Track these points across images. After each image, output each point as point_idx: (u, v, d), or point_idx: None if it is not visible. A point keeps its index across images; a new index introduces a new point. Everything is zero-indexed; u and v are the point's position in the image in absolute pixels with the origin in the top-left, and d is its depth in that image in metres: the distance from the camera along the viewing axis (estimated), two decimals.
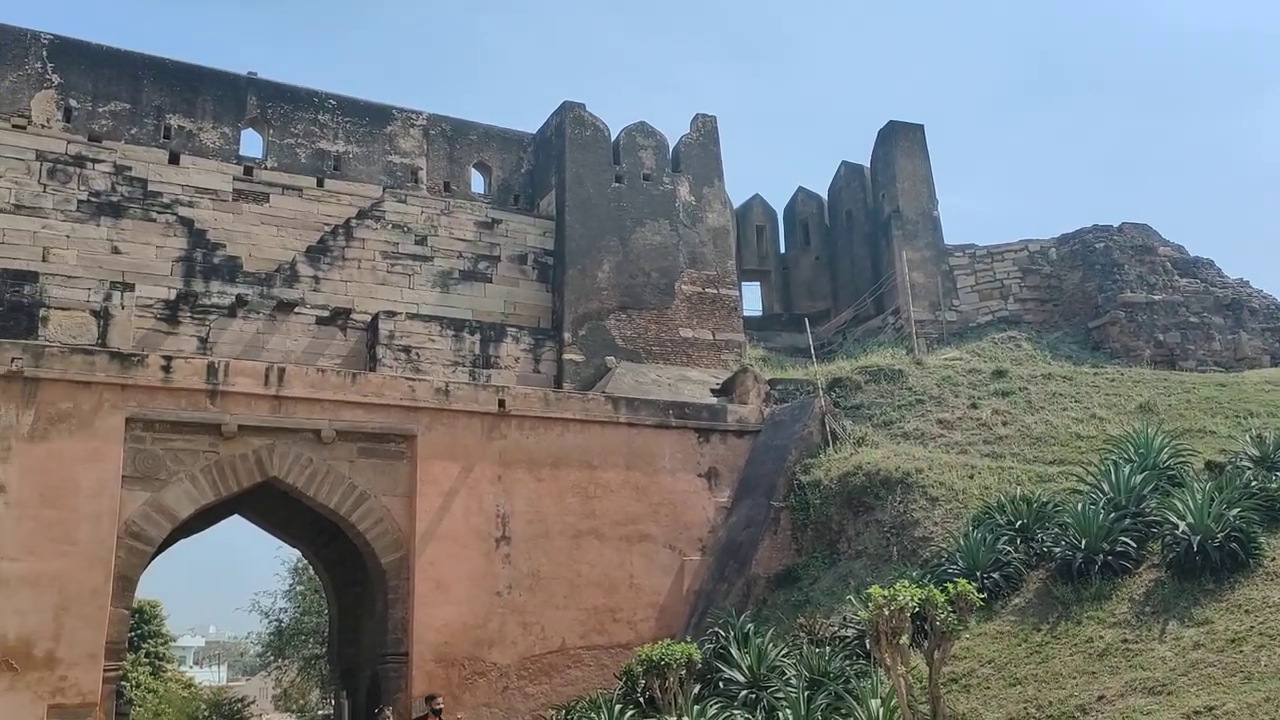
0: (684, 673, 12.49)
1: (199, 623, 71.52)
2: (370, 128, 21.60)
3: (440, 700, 12.74)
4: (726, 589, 15.87)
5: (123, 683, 16.79)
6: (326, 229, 20.18)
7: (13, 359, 13.06)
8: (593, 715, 13.01)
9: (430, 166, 22.11)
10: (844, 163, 27.76)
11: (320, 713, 31.14)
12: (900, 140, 25.70)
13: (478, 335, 19.87)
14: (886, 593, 9.64)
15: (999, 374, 19.87)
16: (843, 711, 11.06)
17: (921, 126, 26.19)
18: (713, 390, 19.54)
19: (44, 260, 17.50)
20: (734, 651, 13.40)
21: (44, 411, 13.10)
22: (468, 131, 22.96)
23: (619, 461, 16.64)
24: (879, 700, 10.65)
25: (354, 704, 17.01)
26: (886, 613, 9.48)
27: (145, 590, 14.48)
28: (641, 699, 13.09)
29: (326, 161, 20.87)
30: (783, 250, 28.06)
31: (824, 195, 28.29)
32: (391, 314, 19.28)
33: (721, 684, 13.06)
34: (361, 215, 20.56)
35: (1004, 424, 17.96)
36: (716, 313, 22.33)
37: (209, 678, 48.75)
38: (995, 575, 12.81)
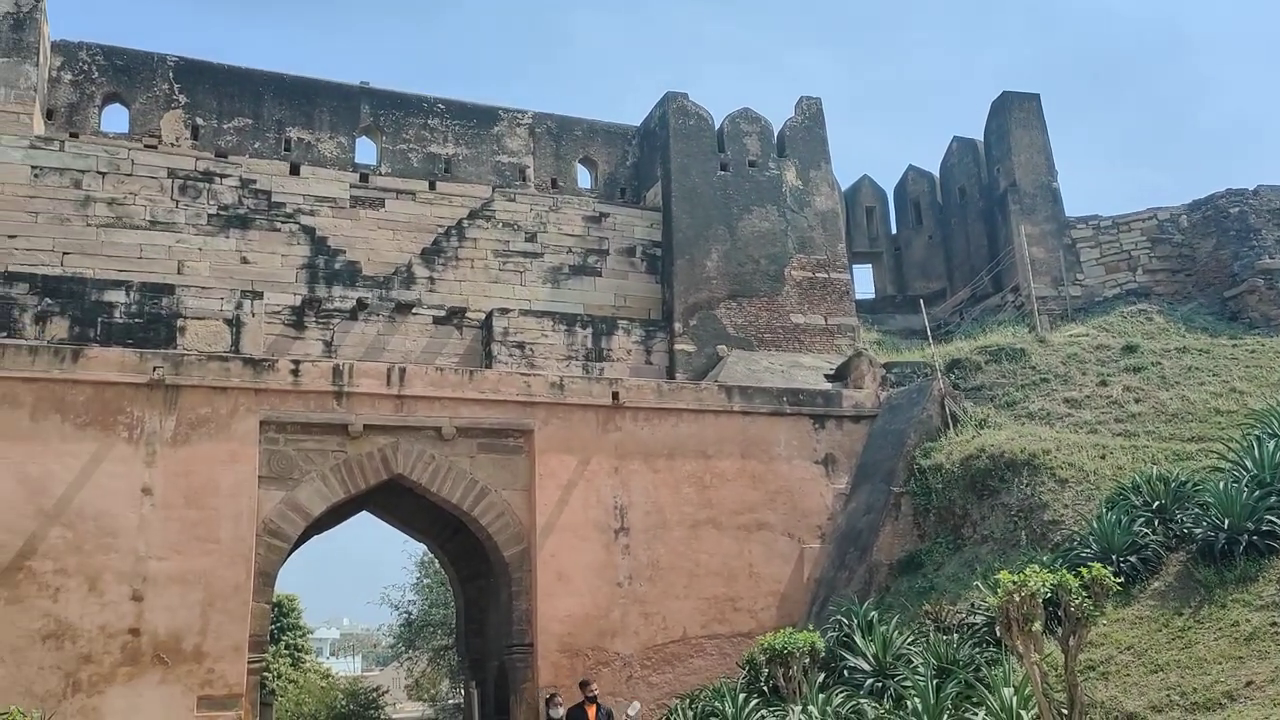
0: (807, 661, 12.40)
1: (333, 615, 74.35)
2: (478, 129, 22.00)
3: (595, 686, 12.88)
4: (848, 576, 15.66)
5: (265, 674, 17.55)
6: (440, 230, 20.67)
7: (154, 368, 13.76)
8: (717, 704, 13.01)
9: (537, 164, 22.39)
10: (956, 138, 27.00)
11: (450, 702, 32.00)
12: (1015, 111, 24.84)
13: (589, 329, 20.06)
14: (1016, 578, 9.33)
15: (1129, 349, 19.05)
16: (974, 700, 10.78)
17: (1037, 96, 25.25)
18: (826, 376, 19.28)
19: (179, 273, 18.41)
20: (858, 639, 13.21)
21: (185, 417, 13.77)
22: (572, 128, 23.16)
23: (734, 450, 16.57)
24: (1012, 689, 10.34)
25: (483, 693, 17.39)
26: (1017, 599, 9.18)
27: (283, 585, 15.13)
28: (765, 687, 13.04)
29: (437, 164, 21.36)
30: (894, 231, 27.47)
31: (935, 172, 27.56)
32: (505, 311, 19.62)
33: (846, 672, 12.89)
34: (472, 215, 20.98)
35: (1136, 401, 17.22)
36: (828, 297, 22.01)
37: (344, 668, 50.60)
38: (1132, 559, 12.29)
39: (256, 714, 13.75)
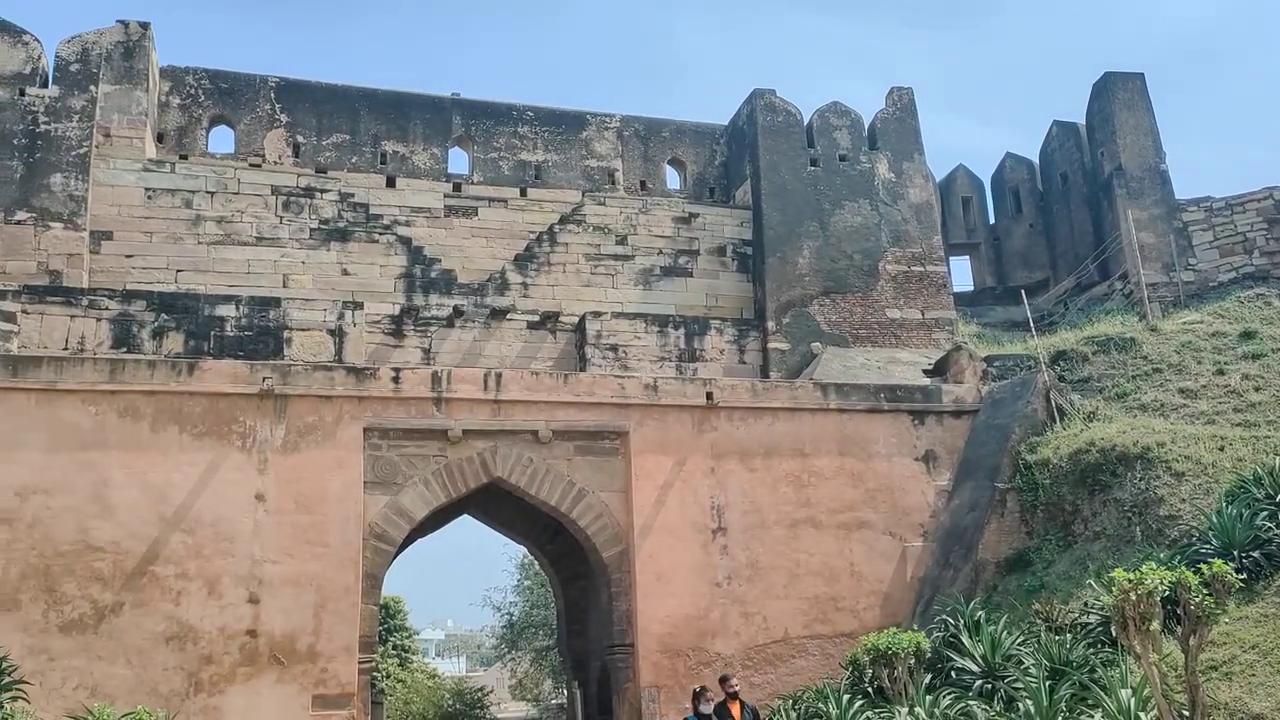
0: (913, 662, 12.16)
1: (438, 617, 75.94)
2: (566, 134, 22.22)
3: (736, 682, 12.38)
4: (952, 575, 15.31)
5: (375, 674, 18.01)
6: (531, 236, 20.93)
7: (264, 378, 14.25)
8: (820, 705, 12.86)
9: (626, 167, 22.51)
10: (1056, 122, 26.19)
11: (554, 702, 32.37)
12: (1118, 92, 23.97)
13: (682, 330, 20.07)
14: (1132, 576, 8.99)
15: (1247, 335, 18.19)
16: (1089, 702, 10.42)
17: (1141, 75, 24.33)
18: (925, 371, 18.90)
19: (284, 286, 19.05)
20: (965, 640, 12.90)
21: (293, 425, 14.22)
22: (660, 129, 23.21)
23: (831, 448, 16.37)
24: (1129, 690, 9.96)
25: (585, 694, 17.55)
26: (1133, 597, 8.84)
27: (389, 588, 15.50)
28: (870, 688, 12.82)
29: (528, 171, 21.64)
30: (992, 221, 26.79)
31: (1034, 159, 26.79)
32: (597, 314, 19.76)
33: (953, 673, 12.60)
34: (563, 220, 21.20)
35: (1256, 390, 16.43)
36: (924, 291, 21.59)
37: (450, 668, 51.62)
38: (1255, 554, 11.71)
39: (368, 713, 14.11)
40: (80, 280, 17.55)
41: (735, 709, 11.97)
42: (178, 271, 18.72)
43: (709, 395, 16.06)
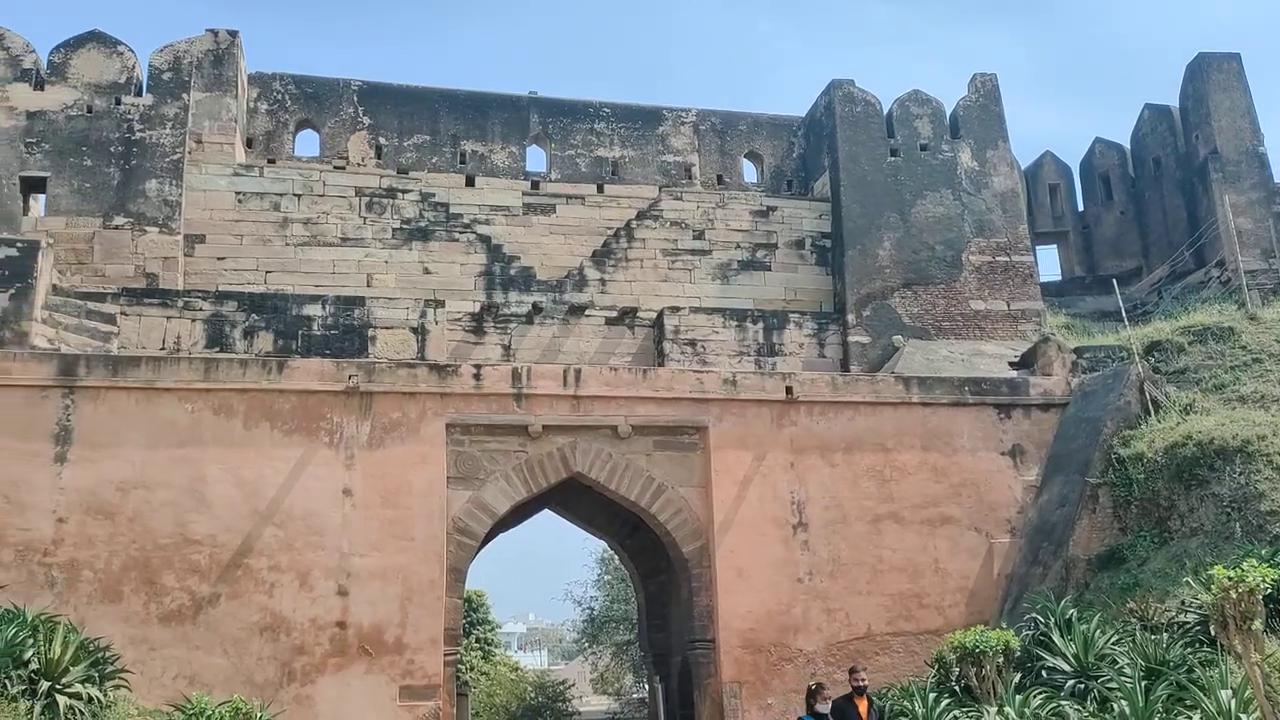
0: (1001, 660, 11.90)
1: (519, 611, 76.79)
2: (643, 130, 22.25)
3: (863, 676, 11.41)
4: (1041, 572, 14.93)
5: (459, 666, 18.29)
6: (609, 232, 21.02)
7: (350, 376, 14.57)
8: (905, 703, 12.66)
9: (702, 161, 22.45)
10: (1147, 106, 25.35)
11: (635, 696, 32.49)
12: (1213, 73, 23.11)
13: (760, 324, 19.93)
14: (1233, 573, 8.66)
15: None
16: (1187, 703, 10.08)
17: (1237, 55, 23.42)
18: (1011, 363, 18.46)
19: (368, 285, 19.45)
20: (1056, 638, 12.58)
21: (378, 421, 14.51)
22: (736, 122, 23.09)
23: (914, 443, 16.10)
24: (1229, 691, 9.60)
25: (667, 688, 17.57)
26: (1234, 595, 8.52)
27: (471, 581, 15.71)
28: (956, 687, 12.59)
29: (604, 168, 21.73)
30: (1080, 208, 26.05)
31: (1126, 144, 25.96)
32: (675, 309, 19.75)
33: (1044, 673, 12.30)
34: (640, 216, 21.23)
35: None
36: (1009, 281, 21.08)
37: (532, 662, 52.20)
38: None
39: (453, 704, 14.34)
40: (175, 282, 18.17)
41: (862, 705, 11.14)
42: (267, 272, 19.25)
43: (788, 389, 15.93)
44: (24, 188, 18.41)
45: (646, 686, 24.63)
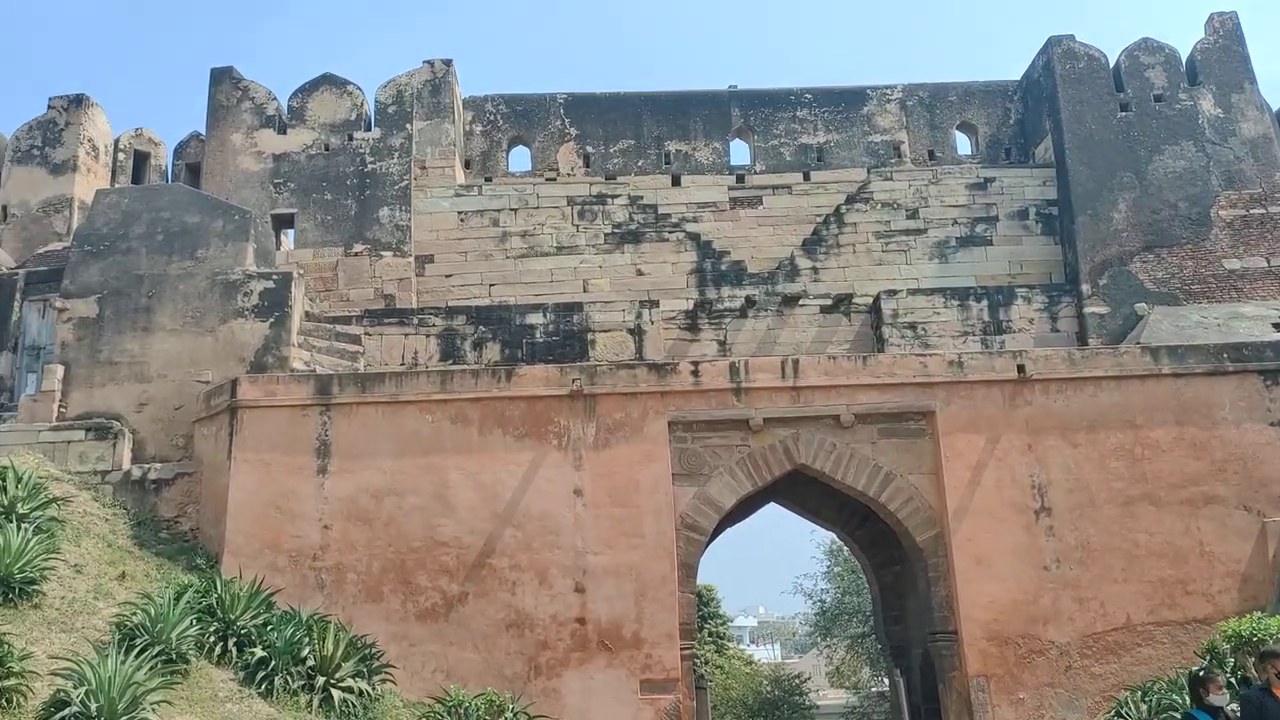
0: None
1: (749, 604, 76.90)
2: (846, 112, 21.77)
3: None
4: None
5: (695, 660, 18.51)
6: (818, 220, 20.69)
7: (573, 379, 15.04)
8: (1174, 697, 11.76)
9: (911, 138, 21.72)
10: None
11: (874, 690, 31.84)
12: None
13: (984, 301, 19.06)
14: None
15: None
16: None
17: None
18: (1276, 325, 16.79)
19: (584, 291, 20.04)
20: None
21: (603, 423, 14.90)
22: (946, 94, 22.19)
23: (1167, 417, 14.90)
24: None
25: (908, 682, 17.09)
26: None
27: (700, 576, 15.85)
28: (1232, 679, 11.54)
29: (809, 155, 21.42)
30: None
31: None
32: (892, 293, 19.20)
33: None
34: (849, 200, 20.78)
35: None
36: (1268, 236, 19.18)
37: (765, 655, 52.16)
38: None
39: (693, 697, 14.52)
40: (410, 301, 19.39)
41: None
42: (490, 285, 20.20)
43: (1020, 368, 15.13)
44: (275, 225, 20.18)
45: (885, 680, 24.06)
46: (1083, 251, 19.29)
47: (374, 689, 12.59)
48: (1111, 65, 20.56)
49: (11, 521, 12.34)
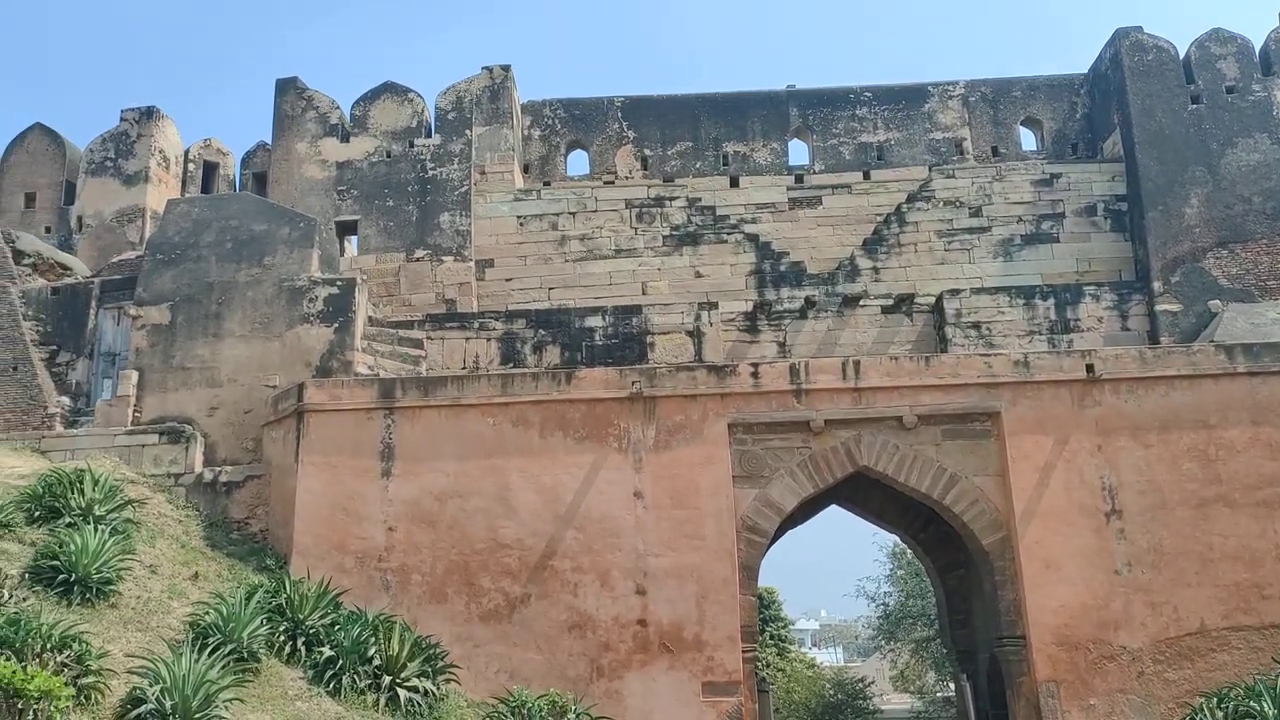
0: None
1: (811, 608, 76.29)
2: (907, 110, 21.53)
3: None
4: None
5: (756, 663, 18.41)
6: (878, 219, 20.48)
7: (632, 382, 15.06)
8: (1252, 704, 11.44)
9: (974, 135, 21.40)
10: None
11: (939, 694, 31.37)
12: None
13: (1050, 300, 18.71)
14: None
15: None
16: None
17: None
18: None
19: (643, 293, 20.06)
20: None
21: (662, 424, 14.90)
22: (1009, 89, 21.83)
23: (1243, 417, 14.49)
24: None
25: (975, 686, 16.80)
26: None
27: (761, 579, 15.76)
28: None
29: (869, 153, 21.21)
30: None
31: None
32: (955, 292, 18.93)
33: None
34: (910, 199, 20.54)
35: None
36: None
37: (827, 659, 51.65)
38: None
39: (755, 700, 14.44)
40: (471, 305, 19.60)
41: None
42: (549, 289, 20.32)
43: (1089, 368, 14.82)
44: (339, 231, 20.54)
45: (951, 685, 23.70)
46: (1154, 248, 18.84)
47: (439, 689, 12.75)
48: (1181, 57, 20.06)
49: (89, 523, 12.73)
